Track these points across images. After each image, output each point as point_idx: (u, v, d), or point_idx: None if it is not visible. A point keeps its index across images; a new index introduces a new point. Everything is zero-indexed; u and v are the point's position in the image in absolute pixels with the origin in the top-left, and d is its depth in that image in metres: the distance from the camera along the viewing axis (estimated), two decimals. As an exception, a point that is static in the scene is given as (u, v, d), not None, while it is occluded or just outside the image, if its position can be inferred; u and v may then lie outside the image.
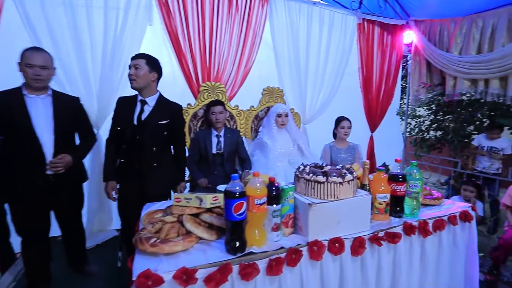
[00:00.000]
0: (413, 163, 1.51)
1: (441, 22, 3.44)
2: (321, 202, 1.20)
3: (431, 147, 3.99)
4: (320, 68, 3.27)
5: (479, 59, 3.08)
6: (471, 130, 3.73)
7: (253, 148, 2.62)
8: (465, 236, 1.60)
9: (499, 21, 2.92)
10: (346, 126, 2.66)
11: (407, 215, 1.47)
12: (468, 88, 3.25)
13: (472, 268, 1.63)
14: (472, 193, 2.65)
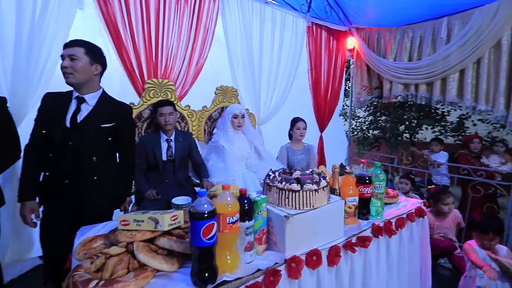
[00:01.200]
0: (377, 164, 1.50)
1: (378, 30, 3.71)
2: (297, 213, 1.08)
3: (371, 145, 4.29)
4: (273, 68, 3.21)
5: (410, 65, 3.39)
6: (403, 130, 4.11)
7: (207, 152, 2.40)
8: (420, 230, 1.67)
9: (426, 33, 3.26)
10: (301, 127, 2.63)
11: (373, 216, 1.46)
12: (402, 92, 3.56)
13: (426, 259, 1.71)
14: (407, 185, 2.89)
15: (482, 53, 2.77)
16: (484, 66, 2.78)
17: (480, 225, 1.76)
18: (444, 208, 2.32)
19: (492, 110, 2.75)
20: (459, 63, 2.90)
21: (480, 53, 2.78)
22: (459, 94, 2.99)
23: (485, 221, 1.75)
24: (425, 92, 3.31)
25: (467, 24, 2.85)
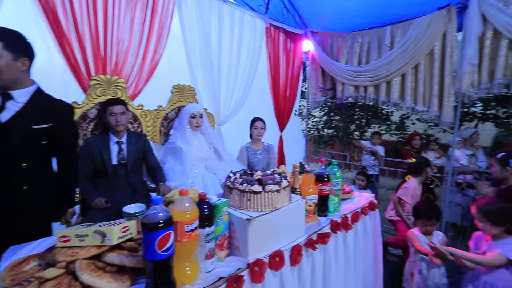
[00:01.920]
0: (333, 162, 1.54)
1: (331, 35, 3.88)
2: (260, 215, 1.04)
3: (326, 144, 4.49)
4: (232, 67, 3.15)
5: (359, 69, 3.61)
6: (354, 128, 4.38)
7: (164, 154, 2.25)
8: (372, 222, 1.77)
9: (372, 40, 3.50)
10: (259, 126, 2.63)
11: (331, 213, 1.50)
12: (352, 93, 3.78)
13: (378, 248, 1.82)
14: (363, 181, 3.08)
15: (419, 60, 3.06)
16: (421, 71, 3.07)
17: (425, 212, 1.92)
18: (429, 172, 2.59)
19: (428, 111, 3.06)
20: (400, 68, 3.17)
21: (417, 60, 3.06)
22: (401, 96, 3.27)
23: (429, 209, 1.93)
24: (372, 94, 3.55)
25: (407, 33, 3.13)
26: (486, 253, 1.53)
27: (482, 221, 1.54)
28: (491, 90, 2.68)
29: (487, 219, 1.51)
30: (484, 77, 2.71)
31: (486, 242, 1.57)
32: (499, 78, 2.60)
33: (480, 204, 1.57)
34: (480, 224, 1.56)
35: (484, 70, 2.70)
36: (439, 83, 2.97)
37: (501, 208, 1.49)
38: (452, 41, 2.87)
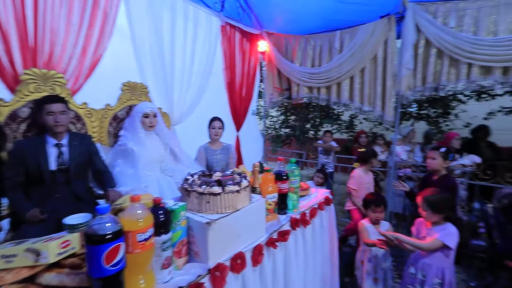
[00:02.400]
0: (292, 161, 1.57)
1: (286, 37, 3.99)
2: (220, 217, 1.00)
3: (283, 142, 4.61)
4: (187, 65, 3.03)
5: (312, 71, 3.77)
6: (309, 128, 4.58)
7: (113, 157, 2.06)
8: (328, 216, 1.85)
9: (324, 43, 3.68)
10: (216, 126, 2.57)
11: (290, 210, 1.52)
12: (307, 94, 3.93)
13: (333, 241, 1.91)
14: (322, 179, 3.22)
15: (364, 64, 3.31)
16: (366, 74, 3.33)
17: (374, 200, 2.08)
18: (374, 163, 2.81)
19: (373, 111, 3.33)
20: (349, 71, 3.39)
21: (363, 64, 3.31)
22: (350, 97, 3.50)
23: (377, 197, 2.10)
24: (325, 95, 3.74)
25: (354, 38, 3.36)
26: (426, 238, 1.71)
27: (426, 209, 1.71)
28: (424, 92, 3.02)
29: (430, 207, 1.68)
30: (418, 81, 3.03)
31: (426, 228, 1.75)
32: (430, 82, 2.94)
33: (425, 195, 1.74)
34: (424, 212, 1.73)
35: (418, 75, 3.03)
36: (382, 86, 3.25)
37: (442, 198, 1.68)
38: (392, 47, 3.15)
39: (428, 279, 1.68)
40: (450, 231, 1.60)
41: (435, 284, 1.64)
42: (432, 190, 1.74)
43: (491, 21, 2.62)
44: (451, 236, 1.58)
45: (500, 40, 2.53)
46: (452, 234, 1.59)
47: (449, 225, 1.64)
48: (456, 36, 2.72)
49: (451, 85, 2.86)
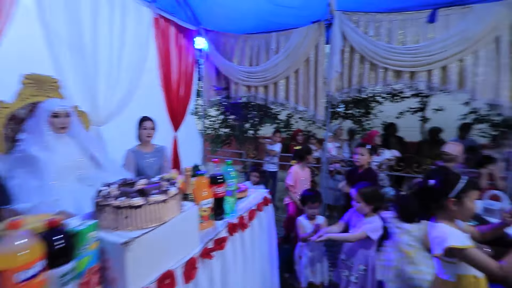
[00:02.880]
0: (228, 162, 1.49)
1: (225, 35, 3.89)
2: (142, 233, 0.85)
3: (223, 142, 4.51)
4: (114, 59, 2.67)
5: (250, 70, 3.77)
6: (248, 127, 4.58)
7: (10, 167, 1.66)
8: (266, 216, 1.83)
9: (261, 44, 3.71)
10: (148, 126, 2.34)
11: (227, 215, 1.44)
12: (245, 93, 3.91)
13: (272, 240, 1.90)
14: (257, 177, 3.22)
15: (298, 65, 3.44)
16: (300, 75, 3.47)
17: (311, 197, 2.15)
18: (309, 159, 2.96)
19: (307, 110, 3.49)
20: (284, 71, 3.48)
21: (297, 65, 3.44)
22: (286, 96, 3.60)
23: (314, 194, 2.18)
24: (262, 94, 3.76)
25: (289, 40, 3.46)
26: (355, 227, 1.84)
27: (359, 201, 1.82)
28: (350, 94, 3.29)
29: (362, 199, 1.80)
30: (345, 83, 3.29)
31: (357, 218, 1.88)
32: (354, 84, 3.21)
33: (359, 187, 1.85)
34: (357, 204, 1.84)
35: (344, 78, 3.28)
36: (314, 87, 3.42)
37: (374, 191, 1.81)
38: (322, 51, 3.35)
39: (355, 266, 1.81)
40: (376, 225, 1.75)
41: (360, 270, 1.78)
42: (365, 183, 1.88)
43: (400, 32, 2.99)
44: (376, 229, 1.73)
45: (408, 49, 2.91)
46: (377, 228, 1.74)
47: (376, 218, 1.79)
48: (374, 44, 3.02)
49: (371, 87, 3.18)
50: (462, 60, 2.77)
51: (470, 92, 2.77)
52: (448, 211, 1.24)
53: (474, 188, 1.23)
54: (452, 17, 2.79)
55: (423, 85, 2.92)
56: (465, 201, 1.21)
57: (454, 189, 1.21)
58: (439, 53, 2.78)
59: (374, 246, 1.78)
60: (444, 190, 1.23)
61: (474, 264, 1.15)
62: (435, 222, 1.28)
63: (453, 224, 1.26)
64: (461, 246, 1.15)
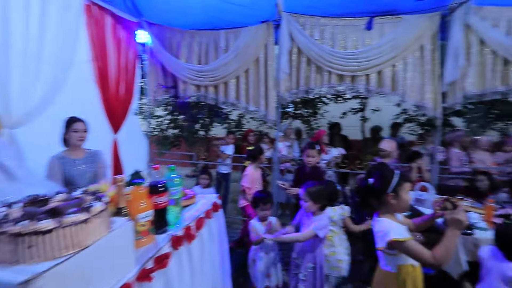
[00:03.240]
0: (171, 167, 1.34)
1: (170, 30, 3.63)
2: (52, 266, 0.68)
3: (171, 144, 4.23)
4: (32, 49, 2.25)
5: (199, 68, 3.59)
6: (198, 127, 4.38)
7: None
8: (217, 223, 1.72)
9: (210, 41, 3.56)
10: (80, 128, 2.03)
11: (171, 226, 1.29)
12: (195, 92, 3.72)
13: (224, 247, 1.80)
14: (207, 180, 3.08)
15: (249, 65, 3.40)
16: (251, 75, 3.43)
17: (262, 198, 2.11)
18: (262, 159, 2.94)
19: (258, 110, 3.46)
20: (235, 71, 3.40)
21: (247, 65, 3.39)
22: (236, 96, 3.52)
23: (265, 195, 2.14)
24: (213, 94, 3.63)
25: (238, 39, 3.38)
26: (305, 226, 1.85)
27: (307, 200, 1.82)
28: (298, 94, 3.36)
29: (310, 198, 1.80)
30: (293, 84, 3.35)
31: (306, 217, 1.89)
32: (302, 86, 3.29)
33: (307, 186, 1.85)
34: (305, 203, 1.84)
35: (293, 79, 3.34)
36: (265, 87, 3.42)
37: (321, 189, 1.83)
38: (271, 52, 3.36)
39: (304, 264, 1.83)
40: (323, 223, 1.78)
41: (309, 268, 1.80)
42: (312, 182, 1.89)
43: (342, 37, 3.15)
44: (324, 227, 1.76)
45: (349, 54, 3.08)
46: (324, 226, 1.77)
47: (323, 216, 1.82)
48: (319, 47, 3.13)
49: (317, 89, 3.30)
50: (394, 66, 3.04)
51: (401, 95, 3.05)
52: (388, 205, 1.31)
53: (406, 181, 1.33)
54: (386, 25, 3.04)
55: (363, 88, 3.13)
56: (401, 194, 1.29)
57: (390, 184, 1.28)
58: (375, 58, 3.01)
59: (322, 243, 1.81)
60: (382, 187, 1.30)
61: (411, 255, 1.23)
62: (377, 217, 1.34)
63: (393, 217, 1.33)
64: (401, 239, 1.22)
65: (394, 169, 1.34)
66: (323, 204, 1.82)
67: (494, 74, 2.84)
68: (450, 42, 2.87)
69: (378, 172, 1.33)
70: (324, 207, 1.84)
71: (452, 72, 2.86)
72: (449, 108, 2.97)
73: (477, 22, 2.79)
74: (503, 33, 2.79)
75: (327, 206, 1.88)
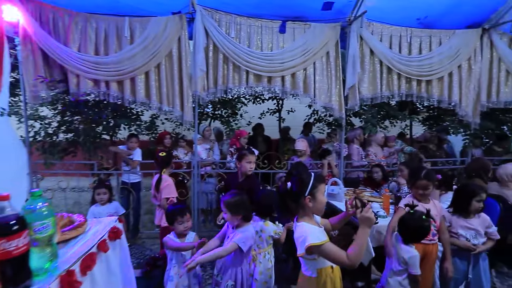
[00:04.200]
0: (35, 193, 0.93)
1: (54, 9, 2.87)
2: None
3: (64, 152, 3.39)
4: None
5: (98, 60, 2.96)
6: (100, 130, 3.66)
7: None
8: (118, 255, 1.35)
9: (110, 28, 2.97)
10: None
11: (40, 277, 0.90)
12: (92, 88, 3.06)
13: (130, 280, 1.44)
14: (105, 195, 2.56)
15: (160, 59, 3.00)
16: (163, 71, 3.03)
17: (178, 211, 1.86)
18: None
19: (173, 111, 3.10)
20: (144, 65, 2.95)
21: (158, 59, 2.98)
22: (146, 95, 3.07)
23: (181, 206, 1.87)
24: (117, 91, 3.06)
25: (146, 29, 2.94)
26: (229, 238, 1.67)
27: (226, 212, 1.64)
28: (216, 94, 3.17)
29: (228, 210, 1.63)
30: (211, 83, 3.14)
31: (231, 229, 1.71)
32: (220, 85, 3.12)
33: (225, 198, 1.67)
34: (225, 215, 1.66)
35: (210, 77, 3.12)
36: (179, 85, 3.09)
37: (239, 200, 1.66)
38: (186, 47, 3.05)
39: (223, 281, 1.66)
40: (247, 235, 1.63)
41: (229, 286, 1.64)
42: (231, 192, 1.73)
43: (258, 38, 3.12)
44: (247, 240, 1.62)
45: (265, 55, 3.08)
46: (248, 238, 1.63)
47: (248, 228, 1.67)
48: (236, 45, 3.02)
49: (236, 88, 3.18)
50: (306, 69, 3.20)
51: (311, 97, 3.24)
52: (305, 208, 1.30)
53: (321, 182, 1.34)
54: (297, 30, 3.16)
55: (278, 89, 3.19)
56: (317, 196, 1.29)
57: (307, 188, 1.26)
58: (289, 61, 3.09)
59: (246, 258, 1.67)
60: (300, 190, 1.27)
61: (329, 258, 1.23)
62: (297, 221, 1.31)
63: (312, 220, 1.32)
64: (319, 243, 1.20)
65: (310, 171, 1.32)
66: (245, 215, 1.68)
67: (382, 81, 3.31)
68: (349, 51, 3.20)
69: (295, 176, 1.30)
70: (248, 218, 1.70)
71: (352, 78, 3.20)
72: (349, 109, 3.32)
73: (368, 35, 3.19)
74: (386, 46, 3.28)
75: (251, 217, 1.74)
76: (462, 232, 1.81)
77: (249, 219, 1.71)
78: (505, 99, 3.52)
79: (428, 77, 3.32)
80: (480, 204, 1.77)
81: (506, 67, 3.46)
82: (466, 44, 3.32)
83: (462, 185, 1.88)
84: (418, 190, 1.81)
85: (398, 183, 2.67)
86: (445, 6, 3.08)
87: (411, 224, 1.59)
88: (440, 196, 2.36)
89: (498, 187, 2.43)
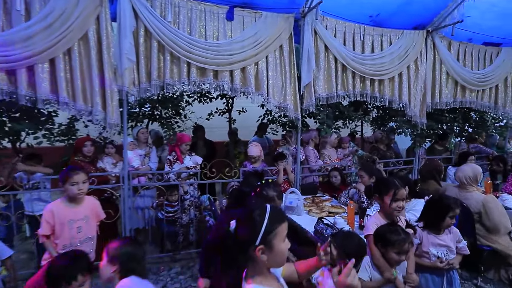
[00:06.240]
0: None
1: None
2: None
3: None
4: None
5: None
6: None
7: None
8: None
9: (-5, -2, 2.17)
10: None
11: None
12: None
13: None
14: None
15: (71, 43, 2.30)
16: (75, 59, 2.33)
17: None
18: None
19: (92, 110, 2.41)
20: (46, 49, 2.22)
21: (69, 43, 2.28)
22: (53, 89, 2.32)
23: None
24: (7, 85, 2.24)
25: (48, 3, 2.21)
26: None
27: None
28: (151, 90, 2.57)
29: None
30: (143, 77, 2.54)
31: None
32: (155, 79, 2.54)
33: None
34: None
35: (142, 69, 2.52)
36: (100, 78, 2.42)
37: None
38: (107, 29, 2.40)
39: None
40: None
41: None
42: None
43: (201, 25, 2.62)
44: None
45: (210, 44, 2.60)
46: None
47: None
48: (174, 32, 2.48)
49: (176, 84, 2.63)
50: (257, 64, 2.80)
51: (264, 95, 2.86)
52: (257, 262, 0.86)
53: (281, 221, 0.88)
54: (246, 19, 2.76)
55: (227, 86, 2.73)
56: (275, 243, 0.85)
57: (259, 233, 0.83)
58: (238, 53, 2.67)
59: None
60: (248, 237, 0.84)
61: None
62: (245, 282, 0.85)
63: (268, 279, 0.88)
64: None
65: (266, 205, 0.88)
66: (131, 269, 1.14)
67: (337, 80, 3.10)
68: (303, 46, 2.90)
69: (242, 214, 0.87)
70: (129, 273, 1.14)
71: (307, 75, 2.91)
72: (304, 109, 3.03)
73: (323, 30, 2.94)
74: (340, 43, 3.08)
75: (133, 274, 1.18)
76: (434, 251, 1.60)
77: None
78: (446, 100, 3.64)
79: (380, 76, 3.23)
80: (453, 220, 1.58)
81: (446, 69, 3.57)
82: (413, 45, 3.32)
83: (435, 199, 1.65)
84: (396, 202, 1.48)
85: (358, 189, 2.45)
86: (397, 6, 2.99)
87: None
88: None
89: (457, 190, 2.36)
